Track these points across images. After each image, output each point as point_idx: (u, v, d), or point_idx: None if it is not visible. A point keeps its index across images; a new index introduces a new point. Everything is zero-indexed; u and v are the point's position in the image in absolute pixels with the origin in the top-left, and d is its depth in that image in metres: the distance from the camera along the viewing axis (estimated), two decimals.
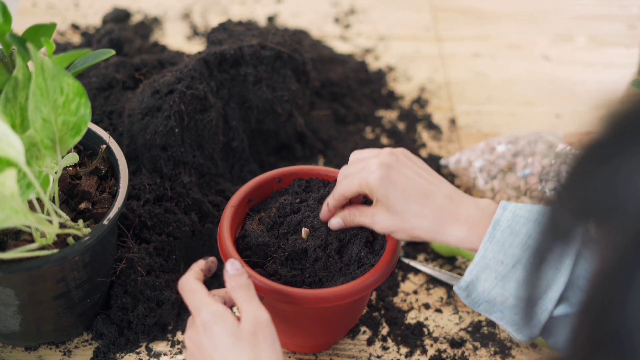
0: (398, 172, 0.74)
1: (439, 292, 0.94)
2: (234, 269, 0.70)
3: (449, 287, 0.95)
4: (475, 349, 0.88)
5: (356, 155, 0.79)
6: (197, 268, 0.72)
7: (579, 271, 0.68)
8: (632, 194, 0.41)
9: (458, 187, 1.08)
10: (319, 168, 0.88)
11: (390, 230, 0.75)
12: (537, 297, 0.63)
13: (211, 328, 0.66)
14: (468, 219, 0.72)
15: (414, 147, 1.13)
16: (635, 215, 0.41)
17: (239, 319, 0.67)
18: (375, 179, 0.74)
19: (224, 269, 0.70)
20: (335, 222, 0.79)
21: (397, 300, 0.93)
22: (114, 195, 0.82)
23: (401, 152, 0.77)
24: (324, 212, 0.80)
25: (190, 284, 0.70)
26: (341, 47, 1.32)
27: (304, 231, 0.81)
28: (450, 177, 1.09)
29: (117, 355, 0.85)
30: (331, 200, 0.79)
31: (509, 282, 0.69)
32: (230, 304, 0.72)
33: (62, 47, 1.23)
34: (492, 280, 0.70)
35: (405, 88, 1.25)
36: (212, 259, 0.74)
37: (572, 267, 0.67)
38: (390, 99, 1.22)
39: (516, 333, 0.72)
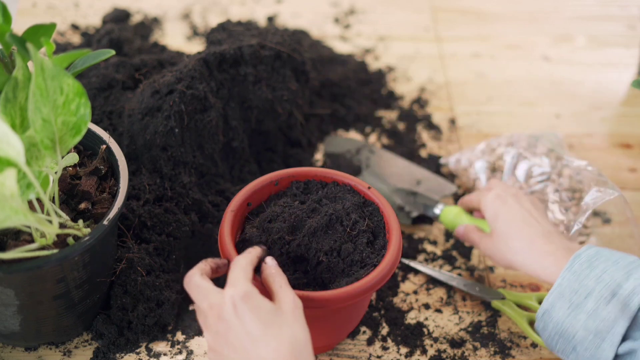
0: (509, 202, 0.87)
1: (438, 292, 0.94)
2: (274, 262, 0.76)
3: (448, 287, 0.95)
4: (475, 349, 0.88)
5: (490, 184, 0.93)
6: (254, 254, 0.76)
7: None
8: None
9: (458, 187, 1.08)
10: (317, 170, 0.88)
11: (489, 252, 0.88)
12: (603, 329, 0.72)
13: (246, 305, 0.67)
14: (557, 254, 0.80)
15: (414, 147, 1.13)
16: None
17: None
18: (489, 199, 0.88)
19: (264, 261, 0.76)
20: (460, 230, 0.94)
21: (397, 300, 0.93)
22: (114, 196, 0.82)
23: (523, 193, 0.90)
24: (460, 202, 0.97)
25: (246, 262, 0.74)
26: (341, 47, 1.32)
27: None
28: (451, 177, 1.10)
29: (117, 355, 0.85)
30: (460, 201, 0.97)
31: (580, 313, 0.74)
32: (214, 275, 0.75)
33: (62, 47, 1.23)
34: (565, 310, 0.76)
35: (405, 88, 1.25)
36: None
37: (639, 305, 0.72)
38: (390, 99, 1.22)
39: None
